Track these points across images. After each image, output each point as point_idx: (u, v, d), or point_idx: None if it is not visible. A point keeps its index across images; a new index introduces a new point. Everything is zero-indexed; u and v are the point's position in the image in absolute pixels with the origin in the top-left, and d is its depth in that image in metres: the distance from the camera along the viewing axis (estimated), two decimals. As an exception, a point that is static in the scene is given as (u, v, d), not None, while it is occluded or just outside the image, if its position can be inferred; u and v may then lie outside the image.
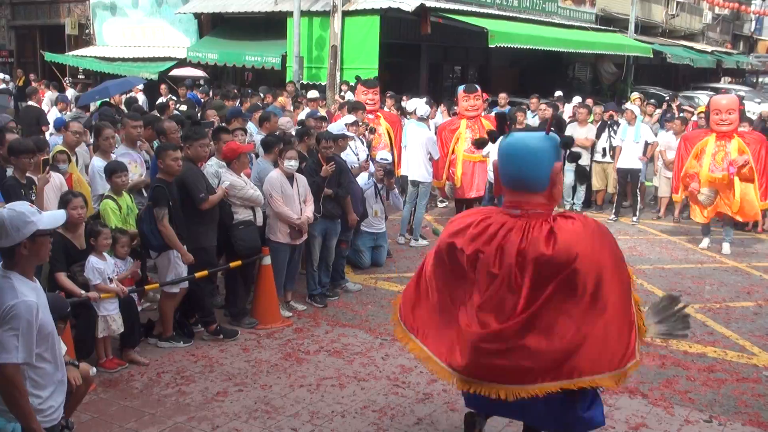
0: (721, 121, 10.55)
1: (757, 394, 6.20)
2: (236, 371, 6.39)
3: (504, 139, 4.58)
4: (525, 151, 4.43)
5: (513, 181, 4.49)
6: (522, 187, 4.43)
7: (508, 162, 4.50)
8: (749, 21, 56.10)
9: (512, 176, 4.49)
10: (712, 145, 10.60)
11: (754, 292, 9.21)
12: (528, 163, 4.40)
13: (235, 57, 20.31)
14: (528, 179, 4.41)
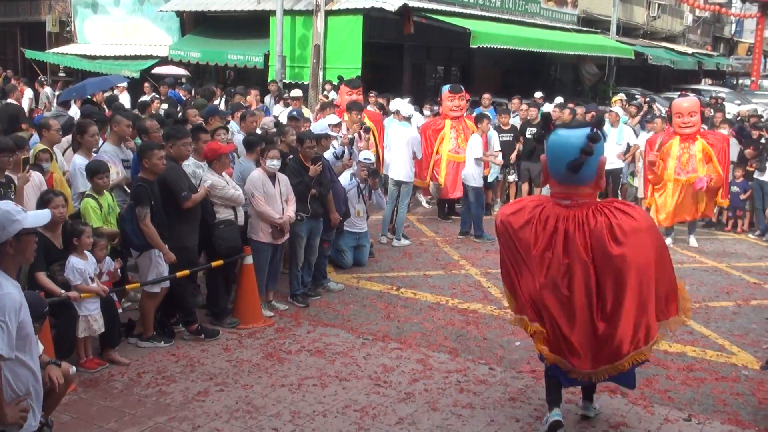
0: (683, 123, 10.72)
1: (736, 393, 6.26)
2: (217, 371, 6.37)
3: (552, 137, 5.11)
4: (572, 146, 4.91)
5: (564, 174, 4.98)
6: (572, 180, 4.96)
7: (558, 156, 4.99)
8: (729, 23, 56.62)
9: (562, 170, 4.98)
10: (676, 148, 10.78)
11: (734, 292, 9.30)
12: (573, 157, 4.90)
13: (218, 56, 20.24)
14: (579, 173, 4.91)
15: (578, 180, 4.98)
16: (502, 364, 6.70)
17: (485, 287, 9.00)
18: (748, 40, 55.11)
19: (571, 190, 5.03)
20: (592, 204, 5.02)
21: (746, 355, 7.16)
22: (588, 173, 4.97)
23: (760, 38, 39.59)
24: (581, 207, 4.98)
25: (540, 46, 22.32)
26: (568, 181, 5.01)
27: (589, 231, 4.87)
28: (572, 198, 5.02)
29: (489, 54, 23.15)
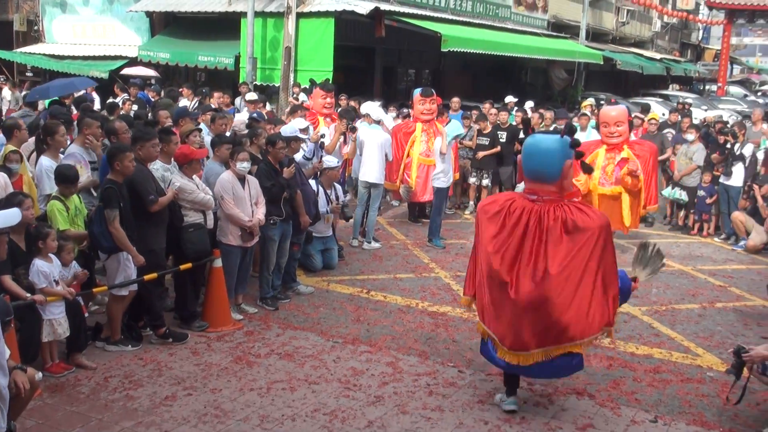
0: (609, 133, 10.31)
1: (701, 395, 6.35)
2: (185, 375, 6.33)
3: (528, 139, 5.90)
4: (542, 150, 5.61)
5: (532, 173, 5.68)
6: (538, 178, 5.61)
7: (530, 158, 5.68)
8: (697, 30, 57.41)
9: (532, 169, 5.67)
10: (602, 158, 10.36)
11: (699, 295, 9.42)
12: (544, 159, 5.57)
13: (188, 57, 20.12)
14: (544, 172, 5.57)
15: (545, 179, 5.58)
16: (471, 366, 6.73)
17: (455, 290, 9.03)
18: (714, 47, 55.95)
19: (538, 187, 5.63)
20: (556, 201, 5.58)
21: (711, 356, 7.26)
22: (553, 174, 5.55)
23: (726, 45, 40.19)
24: (546, 203, 5.58)
25: (510, 51, 22.47)
26: (537, 179, 5.63)
27: (547, 223, 5.48)
28: (539, 194, 5.62)
29: (460, 58, 23.26)
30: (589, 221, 5.44)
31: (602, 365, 6.88)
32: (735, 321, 8.43)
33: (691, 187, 13.03)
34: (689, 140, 13.18)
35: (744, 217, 11.99)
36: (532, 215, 5.54)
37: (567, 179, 5.67)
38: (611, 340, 6.48)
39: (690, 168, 12.93)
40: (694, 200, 13.04)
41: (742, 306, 9.04)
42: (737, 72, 61.97)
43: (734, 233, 12.33)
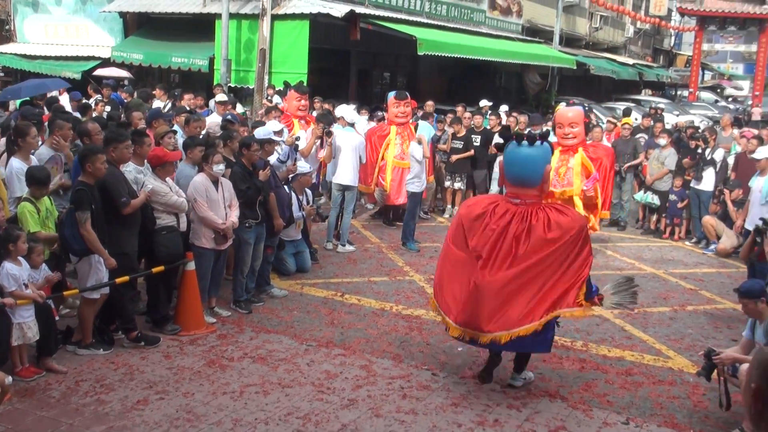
0: (564, 135, 10.23)
1: (672, 396, 6.41)
2: (157, 379, 6.27)
3: (509, 147, 6.21)
4: (523, 157, 6.07)
5: (515, 179, 6.13)
6: (521, 183, 6.08)
7: (512, 165, 6.15)
8: (669, 36, 58.04)
9: (514, 175, 6.13)
10: (555, 159, 10.02)
11: (670, 298, 9.52)
12: (525, 166, 6.05)
13: (161, 58, 19.98)
14: (526, 178, 6.05)
15: (527, 184, 6.04)
16: (445, 369, 6.74)
17: (429, 293, 9.02)
18: (686, 53, 56.63)
19: (521, 191, 6.08)
20: (537, 204, 6.05)
21: (682, 359, 7.33)
22: (535, 179, 6.02)
23: (698, 51, 40.67)
24: (528, 206, 6.01)
25: (485, 55, 22.58)
26: (519, 184, 6.09)
27: (529, 225, 5.89)
28: (521, 198, 6.06)
29: (435, 61, 23.36)
30: (570, 222, 5.92)
31: (575, 368, 6.92)
32: (706, 324, 8.52)
33: (662, 192, 13.17)
34: (661, 145, 13.31)
35: (714, 221, 12.13)
36: (515, 217, 5.96)
37: (546, 183, 6.17)
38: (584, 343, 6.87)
39: (662, 172, 13.06)
40: (666, 204, 13.18)
41: (713, 309, 9.14)
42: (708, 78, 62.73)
43: (705, 237, 12.47)
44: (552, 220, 5.88)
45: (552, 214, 5.95)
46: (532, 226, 5.89)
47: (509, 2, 30.02)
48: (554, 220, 5.88)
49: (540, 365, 6.90)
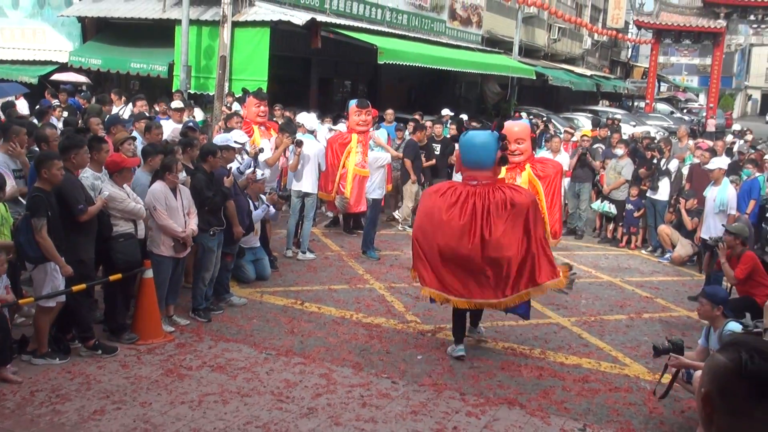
0: (510, 152, 8.94)
1: (629, 403, 6.51)
2: (115, 388, 6.20)
3: (464, 135, 7.34)
4: (477, 143, 7.07)
5: (470, 162, 7.09)
6: (477, 166, 7.04)
7: (468, 150, 7.13)
8: (626, 48, 59.03)
9: (470, 159, 7.09)
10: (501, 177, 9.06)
11: (627, 306, 9.66)
12: (479, 151, 7.03)
13: (120, 63, 19.76)
14: (481, 161, 7.01)
15: (482, 167, 6.99)
16: (405, 377, 6.76)
17: (389, 301, 9.07)
18: (643, 65, 57.56)
19: (477, 173, 7.03)
20: (492, 184, 7.00)
21: (638, 366, 7.45)
22: (489, 162, 6.98)
23: (654, 63, 41.45)
24: (484, 186, 6.95)
25: (445, 64, 22.73)
26: (474, 167, 7.03)
27: (489, 201, 6.82)
28: (478, 179, 7.00)
29: (396, 70, 23.44)
30: (522, 198, 6.91)
31: (533, 375, 6.99)
32: (661, 331, 8.66)
33: (619, 201, 13.38)
34: (618, 155, 13.52)
35: (670, 230, 12.36)
36: (476, 196, 6.87)
37: (498, 166, 7.16)
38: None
39: (618, 182, 13.27)
40: (623, 213, 13.38)
41: (668, 317, 9.30)
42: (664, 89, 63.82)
43: (660, 246, 12.69)
44: (508, 196, 6.84)
45: (507, 191, 6.95)
46: (491, 201, 6.82)
47: (469, 13, 30.29)
48: (509, 196, 6.85)
49: (498, 373, 6.97)
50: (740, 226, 8.69)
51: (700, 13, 39.06)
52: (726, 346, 2.08)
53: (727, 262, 8.26)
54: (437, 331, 8.06)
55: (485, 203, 6.84)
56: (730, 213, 10.02)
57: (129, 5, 20.22)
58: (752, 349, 2.01)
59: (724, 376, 2.03)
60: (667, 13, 39.58)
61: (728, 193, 10.09)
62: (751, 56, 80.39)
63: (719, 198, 10.04)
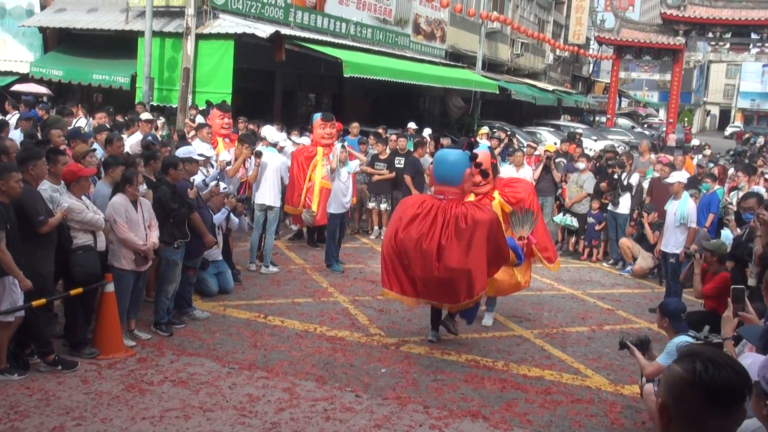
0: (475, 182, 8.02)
1: (590, 414, 6.56)
2: (75, 404, 6.10)
3: (438, 152, 8.11)
4: (447, 161, 7.55)
5: (440, 177, 7.59)
6: (445, 182, 7.50)
7: (438, 166, 7.65)
8: (587, 63, 59.88)
9: (440, 175, 7.59)
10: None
11: (588, 318, 9.75)
12: (448, 168, 7.50)
13: (82, 74, 19.56)
14: (449, 177, 7.46)
15: (450, 183, 7.43)
16: (368, 391, 6.75)
17: (353, 314, 9.06)
18: (604, 80, 58.44)
19: (445, 189, 7.49)
20: (458, 200, 7.42)
21: (600, 378, 7.52)
22: (456, 179, 7.39)
23: (615, 78, 42.04)
24: (450, 201, 7.37)
25: (409, 78, 22.84)
26: (443, 182, 7.51)
27: (451, 215, 7.22)
28: (445, 194, 7.44)
29: (360, 84, 23.49)
30: (483, 215, 7.25)
31: (496, 387, 7.02)
32: (622, 343, 8.75)
33: (581, 214, 13.53)
34: (580, 169, 13.68)
35: (631, 243, 12.53)
36: (440, 210, 7.29)
37: (467, 183, 7.52)
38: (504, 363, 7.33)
39: (580, 196, 13.42)
40: (584, 227, 13.53)
41: (629, 328, 9.40)
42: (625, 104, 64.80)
43: (622, 259, 12.85)
44: (469, 212, 7.21)
45: (470, 207, 7.32)
46: (452, 215, 7.21)
47: (433, 27, 30.51)
48: (471, 212, 7.22)
49: (462, 386, 6.99)
50: (718, 243, 8.80)
51: (659, 30, 39.75)
52: (682, 356, 2.13)
53: (701, 277, 8.36)
54: (401, 344, 8.07)
55: (447, 217, 7.24)
56: (691, 226, 10.17)
57: (91, 16, 20.05)
58: (706, 359, 2.06)
59: (679, 385, 2.07)
60: (628, 30, 40.22)
61: (688, 207, 10.24)
62: (709, 73, 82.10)
63: (679, 211, 10.19)
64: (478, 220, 7.20)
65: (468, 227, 7.17)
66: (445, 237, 7.22)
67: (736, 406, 2.08)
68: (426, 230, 7.28)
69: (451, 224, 7.22)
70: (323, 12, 22.74)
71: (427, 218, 7.33)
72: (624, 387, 7.25)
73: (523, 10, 42.18)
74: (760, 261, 7.36)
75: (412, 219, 7.41)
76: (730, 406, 2.07)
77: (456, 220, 7.20)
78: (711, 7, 38.43)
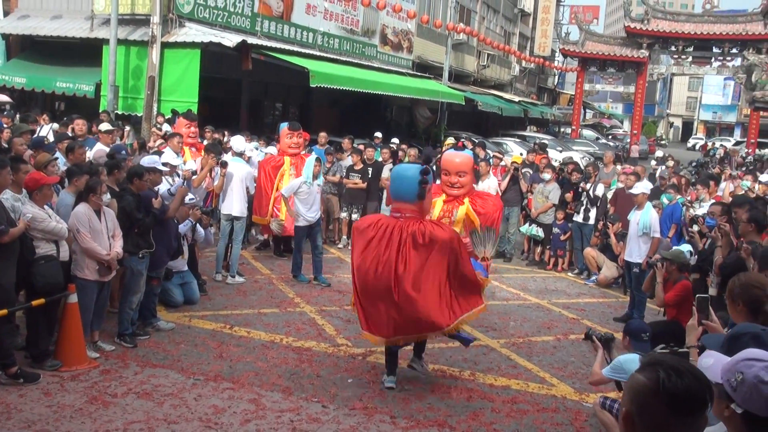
0: (450, 183, 8.14)
1: (556, 423, 6.60)
2: (36, 417, 5.99)
3: (395, 167, 7.29)
4: (405, 176, 6.91)
5: (397, 195, 6.95)
6: (402, 199, 6.88)
7: (395, 183, 7.01)
8: (553, 75, 60.50)
9: (396, 192, 6.96)
10: (438, 210, 8.20)
11: (554, 327, 9.82)
12: (406, 184, 6.85)
13: (45, 82, 19.32)
14: (405, 195, 6.85)
15: (407, 200, 6.83)
16: (335, 401, 6.73)
17: (320, 325, 9.02)
18: (569, 92, 59.12)
19: (402, 206, 6.88)
20: (415, 218, 6.82)
21: (565, 386, 7.57)
22: (412, 195, 6.81)
23: (579, 90, 42.57)
24: (407, 219, 6.78)
25: (376, 89, 22.92)
26: (399, 199, 6.90)
27: (408, 234, 6.65)
28: (402, 212, 6.87)
29: (327, 94, 23.52)
30: (442, 233, 6.70)
31: (462, 397, 7.04)
32: (587, 352, 8.80)
33: (546, 224, 13.64)
34: (546, 179, 13.80)
35: (595, 252, 12.65)
36: (395, 229, 6.69)
37: (425, 200, 6.94)
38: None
39: (546, 206, 13.54)
40: (550, 237, 13.64)
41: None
42: (590, 116, 65.56)
43: (586, 268, 12.97)
44: (428, 230, 6.64)
45: (428, 225, 6.77)
46: (409, 234, 6.64)
47: (400, 38, 30.64)
48: (429, 230, 6.65)
49: (429, 396, 6.99)
50: (676, 251, 8.90)
51: (623, 43, 40.37)
52: (644, 365, 2.15)
53: (663, 285, 8.46)
54: (368, 354, 8.05)
55: (404, 236, 6.66)
56: (654, 236, 10.30)
57: (55, 23, 19.84)
58: (669, 367, 2.09)
59: (643, 394, 2.10)
60: (592, 43, 40.79)
61: (650, 217, 10.38)
62: (672, 85, 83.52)
63: (642, 221, 10.32)
64: (437, 238, 6.61)
65: (426, 244, 6.59)
66: (402, 260, 6.59)
67: (699, 413, 2.11)
68: (382, 252, 6.67)
69: (409, 242, 6.62)
70: (290, 22, 22.75)
71: (383, 241, 6.71)
72: (589, 396, 7.29)
73: (489, 21, 42.55)
74: (720, 271, 7.46)
75: (367, 243, 6.79)
76: (693, 414, 2.10)
77: (413, 237, 6.61)
78: (674, 21, 39.15)
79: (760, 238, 6.87)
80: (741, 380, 2.48)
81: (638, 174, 12.86)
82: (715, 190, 12.99)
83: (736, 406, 2.48)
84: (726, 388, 2.50)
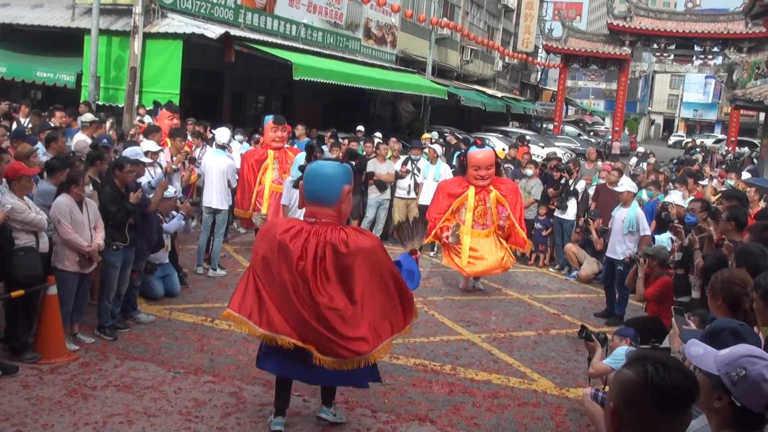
0: (479, 176, 10.46)
1: (537, 418, 6.63)
2: (15, 410, 5.94)
3: (310, 164, 6.00)
4: (322, 174, 5.86)
5: (311, 196, 5.88)
6: (317, 201, 5.84)
7: (310, 182, 5.89)
8: (536, 71, 60.71)
9: (311, 193, 5.88)
10: (471, 200, 10.58)
11: (535, 322, 9.86)
12: (323, 183, 5.82)
13: (25, 71, 19.11)
14: (322, 196, 5.81)
15: (322, 202, 5.82)
16: (316, 395, 6.69)
17: (301, 319, 8.99)
18: (552, 88, 59.36)
19: (317, 210, 5.84)
20: (333, 224, 5.77)
21: (546, 381, 7.60)
22: (332, 197, 5.80)
23: (562, 86, 42.70)
24: (323, 225, 5.73)
25: (360, 82, 22.87)
26: (316, 201, 5.86)
27: (325, 241, 5.62)
28: (316, 217, 5.82)
29: (310, 87, 23.44)
30: (367, 241, 5.75)
31: (443, 391, 7.05)
32: (568, 347, 8.87)
33: (528, 220, 13.66)
34: (528, 175, 13.84)
35: (576, 248, 12.70)
36: (311, 236, 5.64)
37: (345, 203, 5.91)
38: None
39: (528, 202, 13.56)
40: (531, 232, 13.67)
41: (574, 333, 9.47)
42: (572, 112, 65.84)
43: (567, 264, 13.02)
44: (350, 237, 5.64)
45: (351, 232, 5.75)
46: (327, 242, 5.61)
47: (384, 32, 30.61)
48: (352, 237, 5.66)
49: (410, 389, 6.99)
50: (657, 247, 8.94)
51: (606, 40, 40.53)
52: (632, 360, 2.17)
53: (644, 281, 8.51)
54: (349, 349, 8.03)
55: (321, 242, 5.64)
56: (643, 234, 10.28)
57: (36, 12, 19.63)
58: (657, 361, 2.10)
59: (631, 388, 2.11)
60: (575, 39, 40.92)
61: (637, 214, 10.35)
62: (654, 83, 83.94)
63: (628, 218, 10.29)
64: (361, 247, 5.61)
65: (350, 253, 5.58)
66: (320, 267, 5.60)
67: (686, 407, 2.13)
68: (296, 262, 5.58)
69: (329, 252, 5.59)
70: (273, 14, 22.65)
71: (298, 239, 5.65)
72: (569, 390, 7.33)
73: (473, 17, 42.59)
74: (702, 274, 7.50)
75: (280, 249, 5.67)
76: (681, 408, 2.12)
77: (334, 247, 5.58)
78: (656, 19, 39.37)
79: (740, 236, 6.91)
80: (743, 376, 2.50)
81: (620, 170, 12.92)
82: (695, 188, 13.05)
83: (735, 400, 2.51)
84: (725, 380, 2.52)
